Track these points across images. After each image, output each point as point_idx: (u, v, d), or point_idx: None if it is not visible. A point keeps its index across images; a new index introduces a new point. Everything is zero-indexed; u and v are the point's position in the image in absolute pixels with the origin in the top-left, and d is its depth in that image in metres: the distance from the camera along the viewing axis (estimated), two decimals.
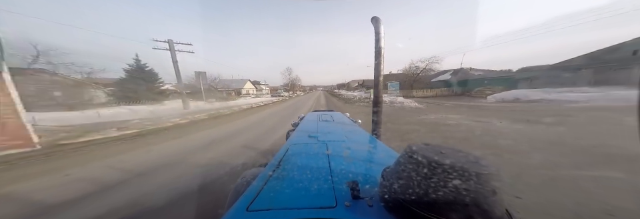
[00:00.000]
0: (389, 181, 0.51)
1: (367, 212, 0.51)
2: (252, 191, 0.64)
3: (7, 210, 2.18)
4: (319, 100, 23.65)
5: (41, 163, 3.71)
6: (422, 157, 0.44)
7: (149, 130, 6.84)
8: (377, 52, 1.37)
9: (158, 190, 2.47)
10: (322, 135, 1.42)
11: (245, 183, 0.85)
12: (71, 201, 2.27)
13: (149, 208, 2.09)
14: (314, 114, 2.53)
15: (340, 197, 0.58)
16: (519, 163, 2.91)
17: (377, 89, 1.49)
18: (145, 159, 3.73)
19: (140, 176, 2.93)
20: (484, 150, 3.55)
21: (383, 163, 0.84)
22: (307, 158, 0.95)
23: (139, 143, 5.14)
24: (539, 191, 2.18)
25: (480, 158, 0.45)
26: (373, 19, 1.39)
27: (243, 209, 0.55)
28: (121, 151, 4.39)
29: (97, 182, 2.76)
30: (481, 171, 0.40)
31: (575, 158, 3.07)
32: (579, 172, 2.61)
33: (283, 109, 13.73)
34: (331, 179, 0.70)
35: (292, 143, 1.20)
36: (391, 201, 0.49)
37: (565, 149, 3.50)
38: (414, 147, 0.48)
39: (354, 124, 1.95)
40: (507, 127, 5.50)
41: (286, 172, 0.78)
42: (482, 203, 0.39)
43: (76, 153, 4.28)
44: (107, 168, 3.32)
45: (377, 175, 0.66)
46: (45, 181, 2.88)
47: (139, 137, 5.77)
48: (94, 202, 2.25)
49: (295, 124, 2.24)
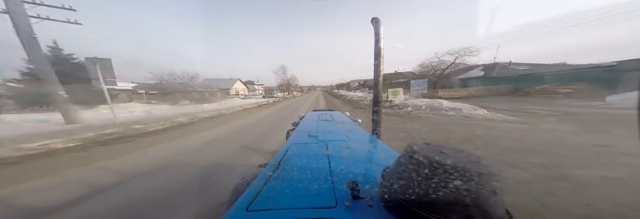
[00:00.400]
0: (389, 181, 0.51)
1: (366, 212, 0.51)
2: (252, 191, 0.64)
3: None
4: (318, 102, 18.83)
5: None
6: (423, 157, 0.44)
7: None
8: (377, 53, 1.38)
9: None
10: (322, 134, 1.40)
11: (244, 183, 0.85)
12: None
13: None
14: (314, 113, 2.52)
15: (340, 197, 0.58)
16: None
17: (376, 89, 1.50)
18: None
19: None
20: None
21: (383, 163, 0.83)
22: (307, 158, 0.94)
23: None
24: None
25: (481, 158, 0.45)
26: (373, 19, 1.40)
27: (243, 209, 0.55)
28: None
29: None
30: (482, 172, 0.40)
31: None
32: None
33: (257, 122, 7.67)
34: (331, 179, 0.70)
35: (292, 143, 1.19)
36: (391, 202, 0.49)
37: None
38: (415, 147, 0.48)
39: (354, 123, 1.93)
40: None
41: (286, 172, 0.78)
42: (482, 203, 0.39)
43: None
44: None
45: (377, 175, 0.64)
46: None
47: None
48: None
49: (295, 124, 2.22)
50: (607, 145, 3.48)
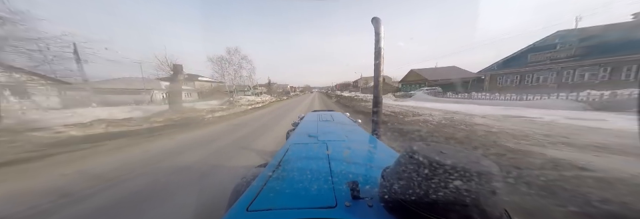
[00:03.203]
0: (389, 181, 0.51)
1: (366, 212, 0.51)
2: (252, 191, 0.64)
3: None
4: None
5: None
6: (423, 157, 0.44)
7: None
8: (377, 53, 1.37)
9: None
10: (322, 135, 1.40)
11: (244, 183, 0.85)
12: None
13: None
14: (314, 114, 2.51)
15: (340, 197, 0.58)
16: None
17: (376, 89, 1.50)
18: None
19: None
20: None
21: (383, 163, 0.80)
22: (307, 158, 0.94)
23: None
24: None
25: (481, 158, 0.45)
26: (373, 19, 1.39)
27: (243, 209, 0.55)
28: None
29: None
30: (481, 172, 0.40)
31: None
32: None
33: None
34: (331, 179, 0.70)
35: (292, 143, 1.19)
36: (391, 202, 0.49)
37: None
38: (414, 147, 0.48)
39: (354, 124, 1.93)
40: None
41: (286, 172, 0.78)
42: (482, 203, 0.39)
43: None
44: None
45: (377, 175, 0.63)
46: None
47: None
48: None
49: (295, 124, 2.23)
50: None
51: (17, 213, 2.09)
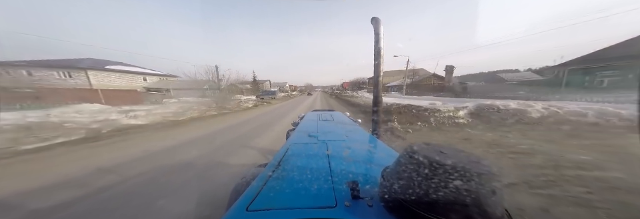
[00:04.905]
0: (389, 181, 0.50)
1: (366, 212, 0.51)
2: (252, 191, 0.64)
3: None
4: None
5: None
6: (423, 157, 0.44)
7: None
8: (377, 52, 1.38)
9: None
10: (322, 134, 1.40)
11: (244, 183, 0.85)
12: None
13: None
14: (314, 114, 2.51)
15: (340, 197, 0.58)
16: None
17: (376, 89, 1.51)
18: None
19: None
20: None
21: (383, 163, 0.82)
22: (307, 158, 0.94)
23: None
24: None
25: (481, 158, 0.45)
26: (373, 19, 1.39)
27: (243, 209, 0.55)
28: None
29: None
30: (481, 172, 0.40)
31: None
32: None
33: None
34: (331, 179, 0.70)
35: (292, 143, 1.19)
36: (390, 202, 0.49)
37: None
38: (414, 147, 0.48)
39: (354, 124, 1.93)
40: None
41: (286, 172, 0.78)
42: (482, 203, 0.39)
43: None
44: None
45: (377, 175, 0.63)
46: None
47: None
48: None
49: (295, 124, 2.23)
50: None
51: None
